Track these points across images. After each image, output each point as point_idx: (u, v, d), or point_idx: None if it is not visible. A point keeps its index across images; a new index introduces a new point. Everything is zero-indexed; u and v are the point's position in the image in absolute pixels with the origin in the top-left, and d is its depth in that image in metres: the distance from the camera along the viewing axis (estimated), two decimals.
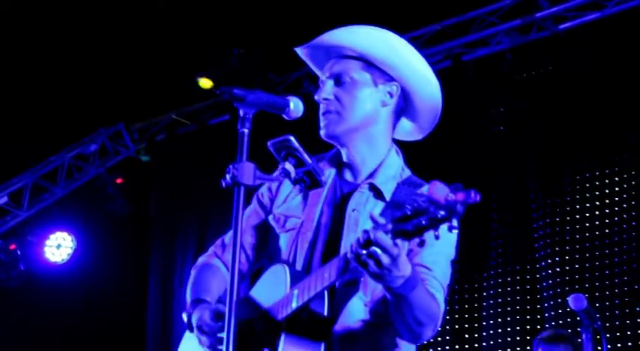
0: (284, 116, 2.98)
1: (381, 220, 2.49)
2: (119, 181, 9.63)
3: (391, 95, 3.15)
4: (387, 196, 3.07)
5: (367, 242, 2.52)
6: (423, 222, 2.38)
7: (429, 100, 3.20)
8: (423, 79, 3.18)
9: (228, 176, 2.66)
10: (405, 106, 3.20)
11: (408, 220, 2.41)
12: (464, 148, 7.83)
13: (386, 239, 2.49)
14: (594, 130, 7.37)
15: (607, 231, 7.10)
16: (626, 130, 7.24)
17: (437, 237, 2.38)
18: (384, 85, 3.14)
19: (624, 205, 7.09)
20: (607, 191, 7.21)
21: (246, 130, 2.74)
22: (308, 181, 3.07)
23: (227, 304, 2.58)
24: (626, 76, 7.24)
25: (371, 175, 3.12)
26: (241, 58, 8.36)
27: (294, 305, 2.84)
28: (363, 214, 3.04)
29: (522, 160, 7.66)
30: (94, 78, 8.51)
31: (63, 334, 9.13)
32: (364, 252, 2.53)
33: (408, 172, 3.18)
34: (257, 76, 8.41)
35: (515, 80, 7.83)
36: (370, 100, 3.12)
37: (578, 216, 7.27)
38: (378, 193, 3.09)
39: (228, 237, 3.41)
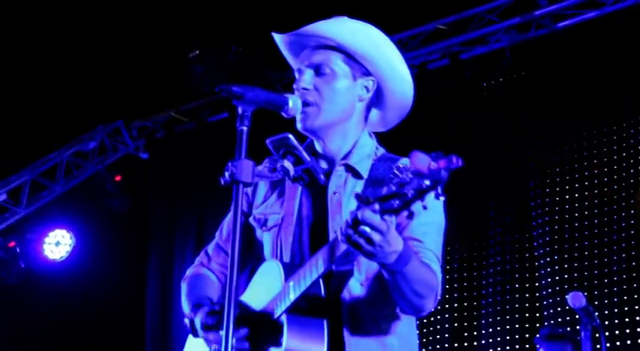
0: (283, 114, 2.98)
1: (367, 199, 2.49)
2: (118, 178, 9.63)
3: (367, 90, 3.15)
4: (365, 174, 3.08)
5: (355, 222, 2.52)
6: (409, 194, 2.38)
7: (401, 98, 3.20)
8: (399, 76, 3.17)
9: (227, 174, 2.66)
10: (376, 100, 3.21)
11: (394, 195, 2.42)
12: (462, 145, 7.83)
13: (374, 216, 2.49)
14: (593, 128, 7.38)
15: (606, 229, 7.11)
16: (625, 128, 7.25)
17: (425, 207, 2.38)
18: (361, 78, 3.14)
19: (623, 204, 7.10)
20: (606, 190, 7.21)
21: (244, 128, 2.74)
22: (307, 179, 3.07)
23: (226, 301, 2.58)
24: (624, 74, 7.24)
25: (345, 157, 3.13)
26: (240, 55, 8.36)
27: (292, 297, 2.84)
28: (345, 195, 3.05)
29: (521, 158, 7.67)
30: (93, 75, 8.51)
31: (62, 331, 9.13)
32: (354, 232, 2.53)
33: (382, 150, 3.19)
34: (255, 73, 8.41)
35: (512, 78, 7.84)
36: (348, 94, 3.12)
37: (577, 214, 7.28)
38: (355, 173, 3.09)
39: (211, 247, 3.43)
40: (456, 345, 7.52)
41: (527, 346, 7.19)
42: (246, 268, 3.31)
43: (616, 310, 6.86)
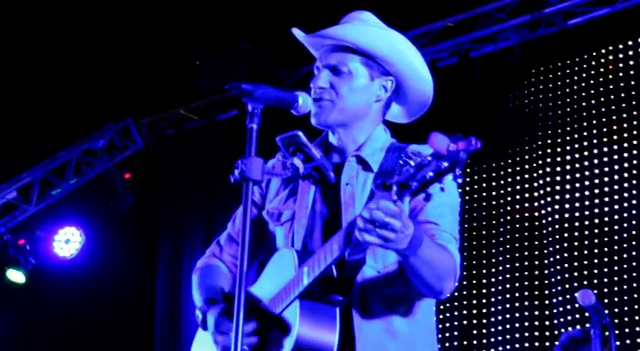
0: (292, 111, 2.98)
1: (384, 184, 2.51)
2: (127, 176, 9.64)
3: (385, 90, 3.18)
4: (375, 167, 3.09)
5: (373, 218, 2.53)
6: (427, 176, 2.39)
7: (422, 95, 3.24)
8: (418, 76, 3.19)
9: (236, 171, 2.67)
10: (396, 96, 3.24)
11: (412, 177, 2.42)
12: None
13: (389, 205, 2.51)
14: (602, 128, 7.36)
15: (616, 227, 7.09)
16: (636, 126, 7.22)
17: (442, 189, 2.39)
18: (379, 78, 3.17)
19: (634, 202, 7.08)
20: (616, 187, 7.19)
21: (254, 126, 2.75)
22: (317, 176, 3.08)
23: (236, 298, 2.58)
24: (636, 72, 7.22)
25: (358, 149, 3.15)
26: (249, 52, 8.36)
27: (305, 282, 2.85)
28: (357, 187, 3.07)
29: (531, 155, 7.65)
30: (102, 73, 8.53)
31: (72, 329, 9.15)
32: (372, 226, 2.54)
33: (392, 140, 3.22)
34: (265, 71, 8.41)
35: (524, 75, 7.82)
36: (365, 93, 3.15)
37: (587, 212, 7.26)
38: (365, 166, 3.11)
39: (223, 238, 3.45)
40: (465, 342, 7.51)
41: (536, 343, 7.18)
42: (255, 261, 3.33)
43: (626, 309, 6.85)
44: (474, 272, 7.62)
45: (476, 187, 7.79)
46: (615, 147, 7.28)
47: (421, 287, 2.89)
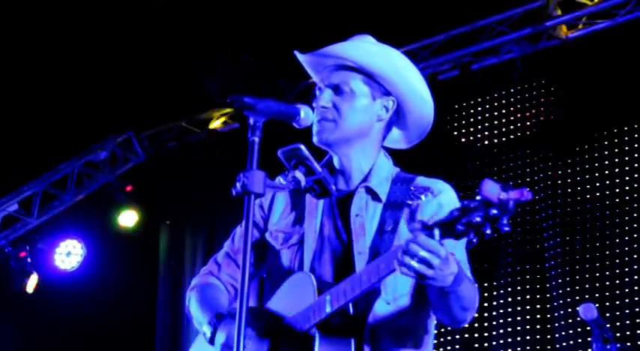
0: (294, 125, 2.98)
1: (425, 226, 2.54)
2: (129, 188, 9.64)
3: (387, 110, 3.18)
4: (383, 198, 3.11)
5: (412, 248, 2.56)
6: (474, 221, 2.42)
7: (422, 118, 3.24)
8: (419, 97, 3.20)
9: (238, 185, 2.65)
10: (397, 119, 3.24)
11: (458, 221, 2.46)
12: (471, 155, 7.83)
13: (429, 241, 2.54)
14: (603, 140, 7.36)
15: (617, 240, 7.08)
16: (638, 138, 7.23)
17: (487, 236, 2.43)
18: (381, 99, 3.17)
19: (635, 215, 7.07)
20: (617, 200, 7.19)
21: (256, 139, 2.74)
22: (318, 190, 3.07)
23: (237, 314, 2.56)
24: (636, 84, 7.22)
25: (365, 179, 3.16)
26: (251, 65, 8.37)
27: (327, 310, 2.85)
28: (367, 218, 3.08)
29: (532, 168, 7.65)
30: (104, 85, 8.53)
31: (73, 340, 9.14)
32: (411, 258, 2.56)
33: (397, 170, 3.23)
34: (267, 83, 8.42)
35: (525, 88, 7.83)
36: (367, 113, 3.16)
37: (588, 225, 7.25)
38: (374, 196, 3.12)
39: (220, 256, 3.42)
40: None
41: None
42: (253, 281, 3.30)
43: (628, 322, 6.83)
44: (475, 285, 7.59)
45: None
46: (618, 159, 7.27)
47: (445, 318, 2.92)
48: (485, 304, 7.54)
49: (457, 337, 7.56)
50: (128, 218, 9.49)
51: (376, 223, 3.06)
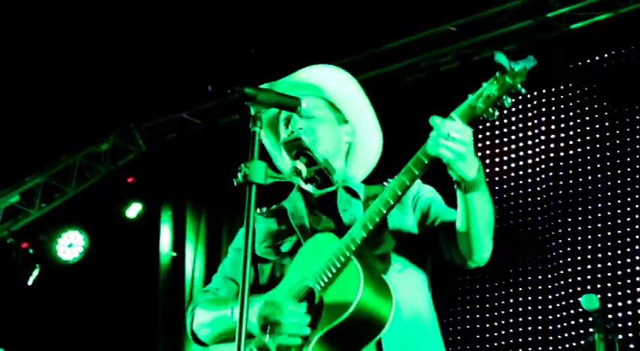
0: (295, 115, 2.98)
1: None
2: (130, 180, 9.64)
3: (348, 135, 3.33)
4: (362, 195, 3.22)
5: (446, 131, 2.70)
6: (492, 93, 2.65)
7: (371, 151, 3.39)
8: (371, 130, 3.35)
9: (239, 175, 2.66)
10: (349, 149, 3.38)
11: (477, 100, 2.68)
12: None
13: (460, 124, 2.70)
14: (605, 133, 7.35)
15: (619, 231, 7.07)
16: (639, 131, 7.22)
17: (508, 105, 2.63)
18: (343, 125, 3.33)
19: (637, 206, 7.07)
20: (619, 191, 7.18)
21: (257, 129, 2.74)
22: (319, 180, 3.08)
23: (239, 308, 2.57)
24: (637, 77, 7.21)
25: (342, 181, 3.28)
26: (252, 56, 8.35)
27: (358, 239, 2.89)
28: (353, 210, 3.17)
29: (534, 159, 7.64)
30: (104, 77, 8.52)
31: (74, 331, 9.15)
32: (448, 142, 2.69)
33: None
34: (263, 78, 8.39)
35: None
36: (335, 135, 3.29)
37: (590, 216, 7.24)
38: (352, 194, 3.25)
39: (218, 279, 3.42)
40: (467, 347, 7.50)
41: (539, 348, 7.17)
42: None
43: (630, 313, 6.83)
44: (477, 277, 7.61)
45: None
46: (619, 151, 7.27)
47: (469, 242, 2.95)
48: (487, 295, 7.54)
49: (458, 328, 7.57)
50: (132, 210, 9.50)
51: (362, 212, 3.12)
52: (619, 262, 7.00)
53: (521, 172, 7.69)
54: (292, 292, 3.01)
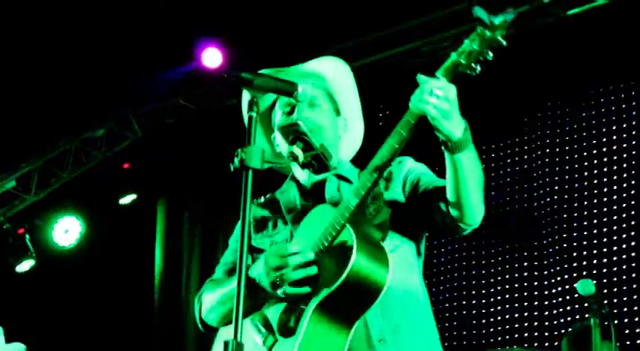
0: (292, 100, 2.97)
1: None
2: (126, 165, 9.63)
3: (341, 128, 3.38)
4: (354, 180, 3.21)
5: (429, 86, 2.73)
6: (474, 48, 2.69)
7: (355, 139, 3.44)
8: (358, 118, 3.41)
9: (236, 160, 2.66)
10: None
11: (460, 55, 2.72)
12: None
13: (444, 82, 2.73)
14: (599, 119, 7.35)
15: (615, 217, 7.08)
16: (635, 116, 7.21)
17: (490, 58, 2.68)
18: (339, 115, 3.38)
19: (632, 192, 7.08)
20: (615, 177, 7.19)
21: (254, 114, 2.74)
22: (316, 165, 3.08)
23: (236, 292, 2.58)
24: (633, 62, 7.20)
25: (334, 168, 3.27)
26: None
27: (352, 205, 2.94)
28: (343, 194, 3.17)
29: (530, 145, 7.65)
30: (101, 62, 8.50)
31: (71, 318, 9.17)
32: (432, 98, 2.71)
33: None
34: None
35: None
36: (334, 127, 3.32)
37: (586, 202, 7.25)
38: (344, 180, 3.26)
39: (220, 270, 3.45)
40: (464, 332, 7.52)
41: (535, 333, 7.19)
42: None
43: (625, 299, 6.85)
44: (473, 262, 7.62)
45: None
46: (615, 136, 7.27)
47: (459, 203, 2.93)
48: (483, 282, 7.56)
49: (455, 313, 7.58)
50: (127, 199, 9.49)
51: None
52: (614, 247, 7.01)
53: (517, 158, 7.70)
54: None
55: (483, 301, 7.53)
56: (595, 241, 7.12)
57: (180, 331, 9.00)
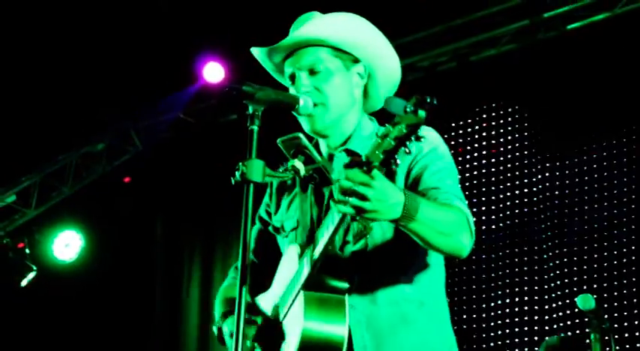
0: (294, 113, 2.97)
1: (355, 162, 2.51)
2: (127, 179, 9.63)
3: (361, 76, 3.17)
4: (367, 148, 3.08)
5: (343, 188, 2.50)
6: (392, 142, 2.40)
7: (391, 74, 3.22)
8: (385, 54, 3.19)
9: (237, 173, 2.66)
10: (368, 80, 3.22)
11: (378, 147, 2.43)
12: (470, 148, 7.83)
13: (357, 173, 2.47)
14: (599, 132, 7.35)
15: (615, 231, 7.08)
16: (636, 131, 7.22)
17: (410, 152, 2.41)
18: (353, 67, 3.16)
19: (632, 206, 7.08)
20: (615, 192, 7.19)
21: (255, 127, 2.74)
22: (318, 178, 3.07)
23: (237, 303, 2.57)
24: (634, 76, 7.21)
25: (345, 142, 3.14)
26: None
27: (306, 271, 2.85)
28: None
29: (530, 160, 7.65)
30: (101, 77, 8.52)
31: (71, 332, 9.15)
32: (344, 197, 2.50)
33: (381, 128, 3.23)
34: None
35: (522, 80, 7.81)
36: (346, 85, 3.14)
37: (586, 217, 7.25)
38: (356, 155, 3.06)
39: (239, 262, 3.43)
40: (464, 346, 7.50)
41: (536, 348, 7.17)
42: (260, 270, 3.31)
43: (626, 313, 6.84)
44: (473, 277, 7.61)
45: (475, 191, 7.78)
46: (615, 151, 7.28)
47: (439, 248, 2.84)
48: (484, 296, 7.55)
49: (455, 327, 7.55)
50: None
51: None
52: (615, 262, 7.00)
53: (517, 173, 7.70)
54: (272, 308, 3.07)
55: (483, 315, 7.52)
56: (596, 256, 7.11)
57: (181, 344, 8.99)
